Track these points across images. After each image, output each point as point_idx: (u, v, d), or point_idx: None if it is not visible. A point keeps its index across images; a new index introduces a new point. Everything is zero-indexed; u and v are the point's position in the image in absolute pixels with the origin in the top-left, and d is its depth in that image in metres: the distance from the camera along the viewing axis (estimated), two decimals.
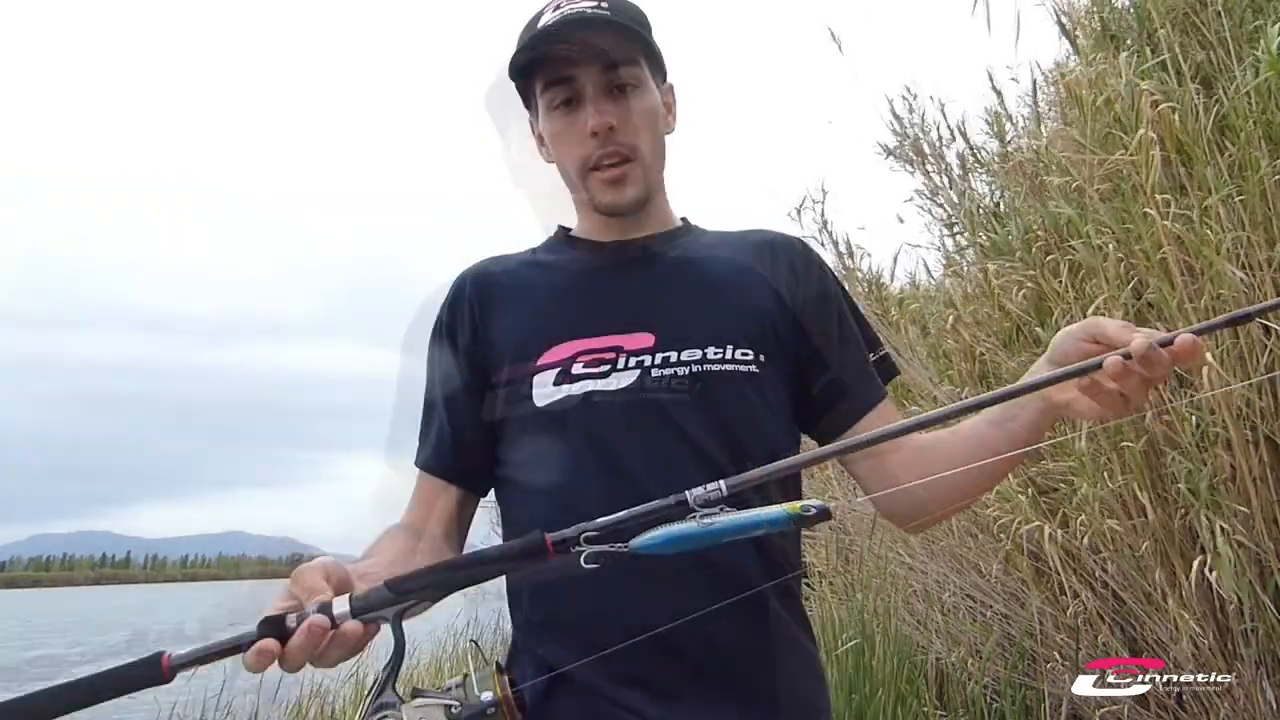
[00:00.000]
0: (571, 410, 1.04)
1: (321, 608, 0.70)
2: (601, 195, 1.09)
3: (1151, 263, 2.43)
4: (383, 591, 0.71)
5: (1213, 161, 2.37)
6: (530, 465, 1.07)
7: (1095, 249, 2.60)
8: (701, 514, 0.73)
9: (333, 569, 0.78)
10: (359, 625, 0.70)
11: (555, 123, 1.10)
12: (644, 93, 1.09)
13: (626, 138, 1.07)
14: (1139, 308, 2.55)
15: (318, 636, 0.69)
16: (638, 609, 0.97)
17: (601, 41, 1.05)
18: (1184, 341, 0.75)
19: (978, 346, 3.26)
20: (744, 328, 1.08)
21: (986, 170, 3.60)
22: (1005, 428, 0.95)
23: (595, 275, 1.13)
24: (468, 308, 1.13)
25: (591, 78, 1.06)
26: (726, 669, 1.00)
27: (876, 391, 1.13)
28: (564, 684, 0.98)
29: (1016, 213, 3.06)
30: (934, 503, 1.05)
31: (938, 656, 3.60)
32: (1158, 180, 2.36)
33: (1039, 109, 3.39)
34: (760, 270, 1.14)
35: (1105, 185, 2.68)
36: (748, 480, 0.74)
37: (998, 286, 3.09)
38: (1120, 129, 2.61)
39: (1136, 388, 0.79)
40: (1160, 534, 2.44)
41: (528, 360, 1.07)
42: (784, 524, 0.73)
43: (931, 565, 3.76)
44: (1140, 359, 0.75)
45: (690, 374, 1.04)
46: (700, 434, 1.03)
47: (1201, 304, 2.35)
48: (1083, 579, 2.75)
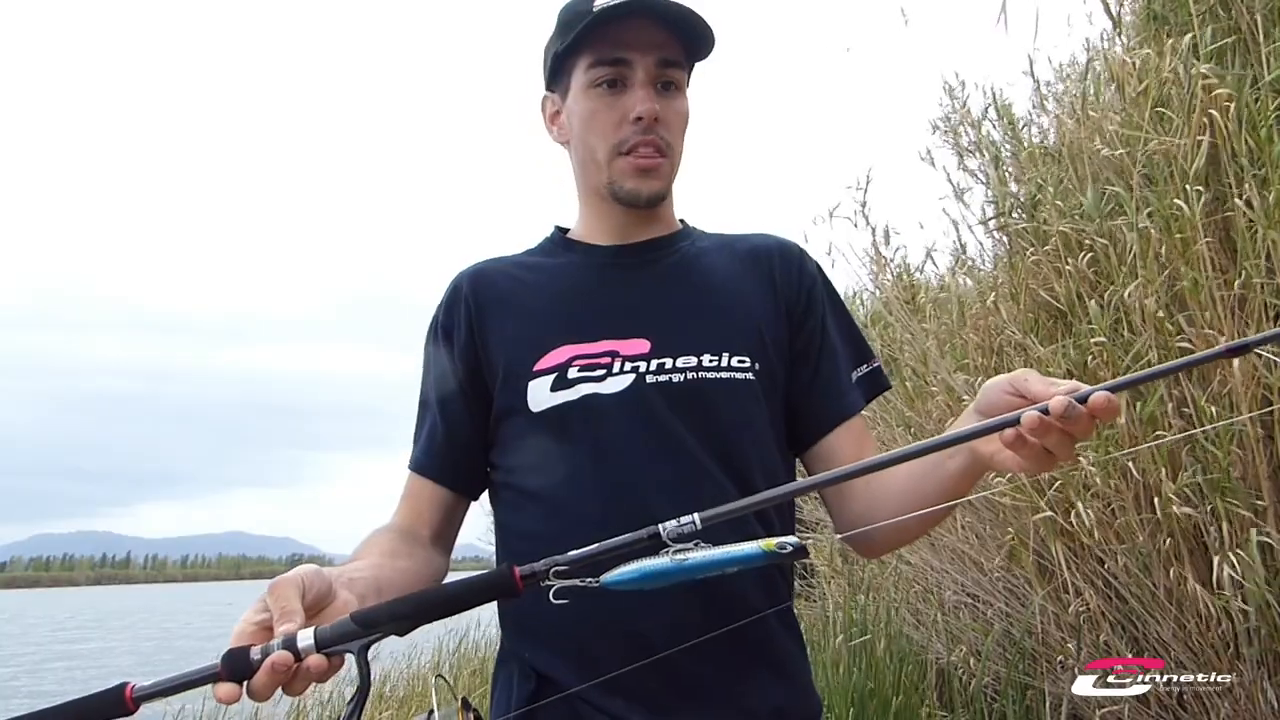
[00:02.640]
0: (567, 416, 1.03)
1: (286, 642, 0.68)
2: (626, 181, 1.08)
3: (1189, 252, 2.39)
4: (348, 624, 0.70)
5: (1252, 147, 2.32)
6: (524, 470, 1.07)
7: (1136, 235, 2.55)
8: (675, 549, 0.71)
9: (311, 580, 0.77)
10: (323, 660, 0.69)
11: (593, 101, 1.08)
12: (682, 95, 1.10)
13: (666, 133, 1.07)
14: (1168, 300, 2.52)
15: (280, 674, 0.68)
16: (626, 616, 0.97)
17: (659, 35, 1.05)
18: (1097, 399, 0.74)
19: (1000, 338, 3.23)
20: (740, 335, 1.08)
21: (1022, 156, 3.57)
22: (936, 474, 0.94)
23: (592, 279, 1.12)
24: (464, 310, 1.12)
25: (646, 66, 1.05)
26: (716, 681, 0.99)
27: (848, 407, 1.12)
28: (551, 690, 0.98)
29: (1049, 199, 3.02)
30: (882, 539, 1.07)
31: (938, 655, 3.59)
32: (1200, 167, 2.32)
33: (1084, 92, 3.35)
34: (757, 277, 1.14)
35: (1142, 172, 2.63)
36: (721, 514, 0.72)
37: (1029, 274, 3.06)
38: (1168, 109, 2.56)
39: (1059, 443, 0.78)
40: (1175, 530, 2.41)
41: (524, 365, 1.06)
42: (758, 561, 0.72)
43: (933, 563, 3.75)
44: (1058, 416, 0.74)
45: (685, 380, 1.04)
46: (694, 441, 1.03)
47: (1232, 292, 2.32)
48: (1086, 577, 2.74)
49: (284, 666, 0.68)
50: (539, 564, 0.71)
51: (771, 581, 1.04)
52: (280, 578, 0.76)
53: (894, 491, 1.00)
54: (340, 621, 0.71)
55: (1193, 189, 2.33)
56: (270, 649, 0.69)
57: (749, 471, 1.04)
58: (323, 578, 0.79)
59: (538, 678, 1.00)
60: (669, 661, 0.94)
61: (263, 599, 0.75)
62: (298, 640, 0.69)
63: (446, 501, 1.12)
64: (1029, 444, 0.78)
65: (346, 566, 0.92)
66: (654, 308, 1.09)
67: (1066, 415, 0.74)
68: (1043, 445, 0.78)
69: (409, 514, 1.12)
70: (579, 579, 0.71)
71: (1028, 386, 0.81)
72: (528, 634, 1.05)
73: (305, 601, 0.75)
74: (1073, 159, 3.08)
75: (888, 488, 1.01)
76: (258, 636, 0.71)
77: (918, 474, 0.97)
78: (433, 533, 1.11)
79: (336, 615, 0.77)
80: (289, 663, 0.68)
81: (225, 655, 0.69)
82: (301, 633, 0.70)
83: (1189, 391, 2.43)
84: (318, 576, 0.78)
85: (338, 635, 0.70)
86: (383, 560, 0.97)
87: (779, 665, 1.04)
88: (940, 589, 3.74)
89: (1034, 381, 0.81)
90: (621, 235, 1.14)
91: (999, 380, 0.85)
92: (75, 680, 12.35)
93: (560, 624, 1.00)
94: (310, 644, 0.69)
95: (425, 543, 1.09)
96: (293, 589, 0.74)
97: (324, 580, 0.79)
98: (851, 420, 1.11)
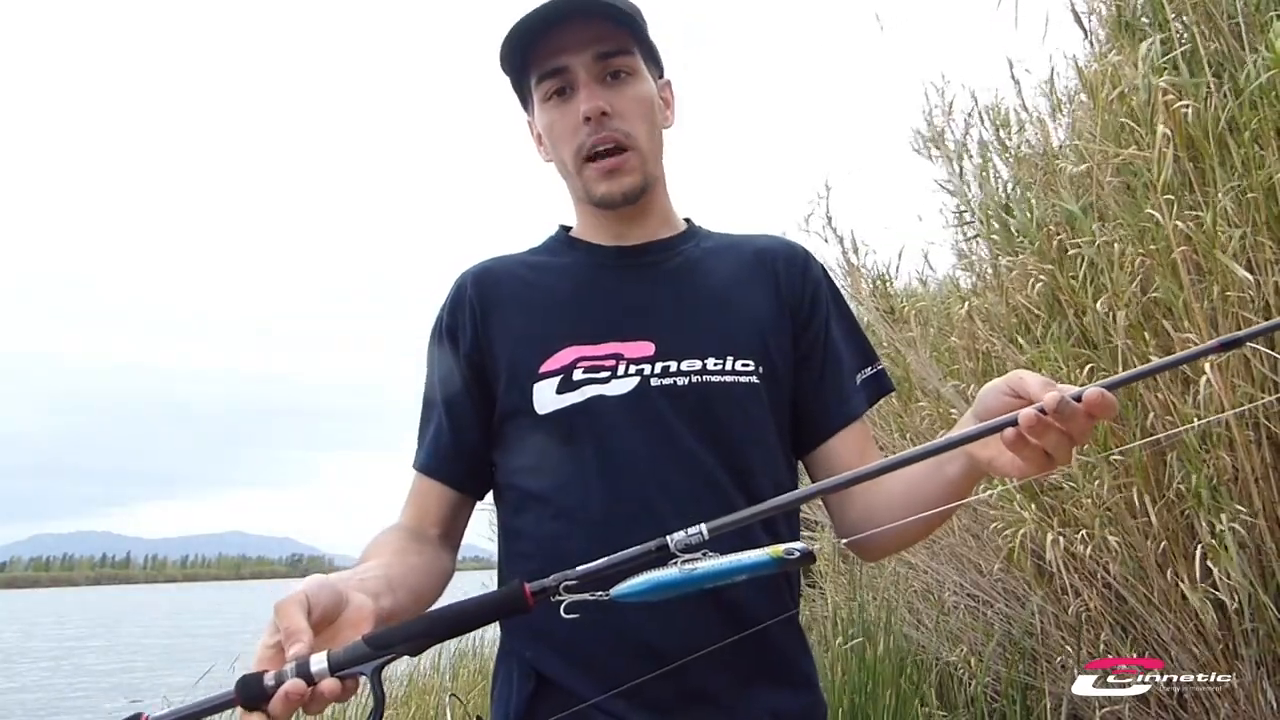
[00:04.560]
0: (572, 418, 1.03)
1: (299, 667, 0.69)
2: (597, 186, 1.07)
3: (1162, 262, 2.40)
4: (361, 647, 0.70)
5: (1224, 158, 2.34)
6: (529, 472, 1.06)
7: (1104, 246, 2.57)
8: (683, 560, 0.72)
9: (316, 594, 0.76)
10: (337, 684, 0.69)
11: (549, 114, 1.08)
12: (638, 80, 1.08)
13: (621, 124, 1.06)
14: (1144, 304, 2.53)
15: (295, 702, 0.68)
16: (628, 617, 0.96)
17: (590, 31, 1.04)
18: (1092, 395, 0.74)
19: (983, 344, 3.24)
20: (745, 339, 1.07)
21: (1003, 161, 3.57)
22: (934, 479, 0.95)
23: (597, 280, 1.12)
24: (469, 310, 1.12)
25: (584, 64, 1.05)
26: (722, 687, 0.99)
27: (851, 410, 1.12)
28: (550, 691, 0.98)
29: (1029, 206, 3.03)
30: (882, 542, 1.05)
31: (938, 656, 3.59)
32: (1169, 178, 2.33)
33: (1056, 100, 3.35)
34: (761, 279, 1.13)
35: (1117, 180, 2.65)
36: (728, 524, 0.73)
37: (1008, 280, 3.07)
38: (1134, 122, 2.58)
39: (1058, 444, 0.78)
40: (1163, 534, 2.43)
41: (529, 366, 1.06)
42: (767, 568, 0.72)
43: (932, 565, 3.76)
44: (1054, 413, 0.75)
45: (690, 384, 1.03)
46: (698, 444, 1.02)
47: (1206, 304, 2.33)
48: (1084, 578, 2.75)
49: (298, 695, 0.68)
50: (549, 580, 0.72)
51: (777, 589, 1.04)
52: (284, 599, 0.75)
53: (892, 496, 1.00)
54: (353, 644, 0.71)
55: (1161, 199, 2.34)
56: (284, 675, 0.69)
57: (753, 475, 1.04)
58: (330, 588, 0.78)
59: (537, 677, 1.00)
60: (675, 669, 0.95)
61: (273, 621, 0.74)
62: (311, 664, 0.69)
63: (452, 501, 1.12)
64: (1028, 445, 0.78)
65: (357, 569, 0.92)
66: (658, 310, 1.08)
67: (1062, 411, 0.74)
68: (1042, 447, 0.78)
69: (416, 514, 1.12)
70: (589, 593, 0.71)
71: (1024, 386, 0.81)
72: (527, 633, 1.04)
73: (314, 617, 0.74)
74: (1044, 168, 3.10)
75: (886, 493, 1.01)
76: (275, 661, 0.71)
77: (916, 479, 0.97)
78: (440, 532, 1.11)
79: (352, 620, 0.78)
80: (302, 691, 0.68)
81: (239, 682, 0.69)
82: (315, 656, 0.70)
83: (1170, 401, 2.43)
84: (324, 588, 0.77)
85: (351, 658, 0.70)
86: (393, 559, 0.97)
87: (786, 672, 1.04)
88: (940, 589, 3.74)
89: (1030, 381, 0.81)
90: (619, 238, 1.13)
91: (996, 383, 0.85)
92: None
93: (560, 624, 1.00)
94: (324, 668, 0.69)
95: (433, 542, 1.09)
96: (296, 608, 0.73)
97: (331, 590, 0.78)
98: (854, 424, 1.11)
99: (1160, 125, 2.34)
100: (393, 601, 0.86)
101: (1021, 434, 0.77)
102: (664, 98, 1.15)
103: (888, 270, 4.44)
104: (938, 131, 3.86)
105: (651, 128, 1.09)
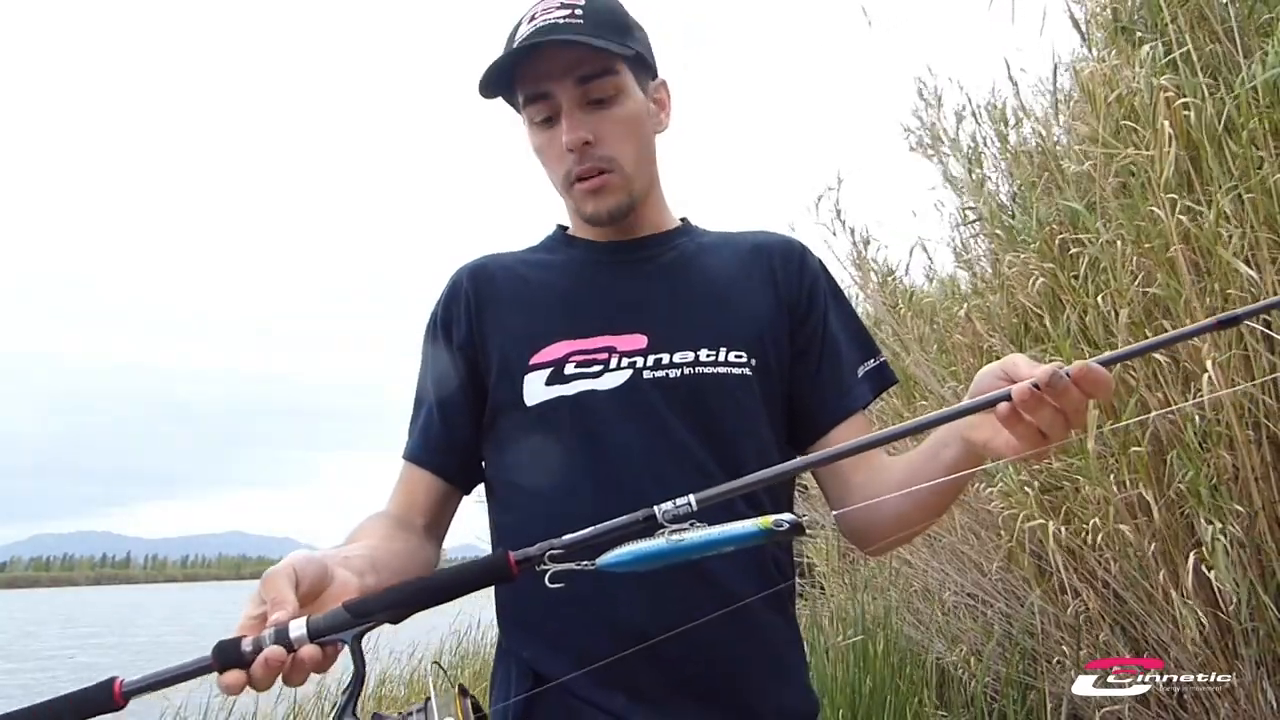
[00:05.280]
0: (563, 411, 1.03)
1: (277, 635, 0.68)
2: (584, 206, 1.09)
3: (1161, 260, 2.40)
4: (341, 613, 0.69)
5: (1221, 158, 2.34)
6: (519, 466, 1.07)
7: (1106, 245, 2.56)
8: (670, 530, 0.71)
9: (304, 567, 0.76)
10: (317, 650, 0.69)
11: (536, 138, 1.09)
12: (623, 101, 1.07)
13: (605, 150, 1.06)
14: (1145, 303, 2.52)
15: (274, 668, 0.68)
16: (623, 610, 0.96)
17: (571, 55, 1.03)
18: (1081, 368, 0.75)
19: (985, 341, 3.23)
20: (738, 331, 1.08)
21: (1003, 159, 3.55)
22: (931, 466, 0.94)
23: (591, 275, 1.12)
24: (464, 304, 1.12)
25: (566, 92, 1.04)
26: (715, 679, 0.99)
27: (851, 402, 1.11)
28: (548, 691, 0.97)
29: (1030, 204, 3.02)
30: (882, 529, 1.05)
31: (938, 655, 3.58)
32: (1169, 177, 2.33)
33: (1056, 100, 3.34)
34: (757, 273, 1.13)
35: (1116, 180, 2.65)
36: (717, 495, 0.72)
37: (1010, 278, 3.06)
38: (1134, 122, 2.57)
39: (1052, 421, 0.78)
40: (1164, 534, 2.42)
41: (520, 359, 1.06)
42: (757, 539, 0.71)
43: (933, 564, 3.74)
44: (1047, 386, 0.75)
45: (682, 375, 1.03)
46: (690, 437, 1.02)
47: (1207, 302, 2.32)
48: (1084, 578, 2.74)
49: (276, 661, 0.68)
50: (533, 548, 0.71)
51: (766, 575, 1.04)
52: (273, 569, 0.75)
53: (892, 487, 1.00)
54: (333, 611, 0.70)
55: (1164, 198, 2.34)
56: (262, 641, 0.68)
57: (745, 468, 1.03)
58: (316, 562, 0.78)
59: (535, 677, 1.00)
60: (669, 660, 0.94)
61: (258, 592, 0.74)
62: (290, 630, 0.68)
63: (440, 492, 1.12)
64: (1023, 422, 0.78)
65: (342, 548, 0.92)
66: (651, 303, 1.09)
67: (1055, 385, 0.74)
68: (1037, 425, 0.78)
69: (403, 502, 1.12)
70: (574, 562, 0.71)
71: (1017, 370, 0.81)
72: (525, 631, 1.04)
73: (301, 590, 0.74)
74: (1043, 166, 3.09)
75: (886, 484, 1.01)
76: (256, 629, 0.71)
77: (914, 468, 0.97)
78: (425, 522, 1.11)
79: (336, 595, 0.77)
80: (280, 657, 0.68)
81: (216, 647, 0.68)
82: (294, 623, 0.69)
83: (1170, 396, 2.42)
84: (310, 563, 0.78)
85: (330, 624, 0.69)
86: (378, 542, 0.97)
87: (778, 664, 1.04)
88: (941, 589, 3.73)
89: (1022, 364, 0.81)
90: (617, 235, 1.14)
91: (991, 367, 0.85)
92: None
93: (558, 621, 1.00)
94: (303, 634, 0.68)
95: (418, 531, 1.09)
96: (284, 579, 0.74)
97: (318, 565, 0.78)
98: (854, 416, 1.11)
99: (1164, 122, 2.33)
100: (376, 581, 0.85)
101: (1015, 409, 0.77)
102: (657, 100, 1.14)
103: (895, 266, 4.43)
104: (928, 126, 3.86)
105: (639, 145, 1.09)
